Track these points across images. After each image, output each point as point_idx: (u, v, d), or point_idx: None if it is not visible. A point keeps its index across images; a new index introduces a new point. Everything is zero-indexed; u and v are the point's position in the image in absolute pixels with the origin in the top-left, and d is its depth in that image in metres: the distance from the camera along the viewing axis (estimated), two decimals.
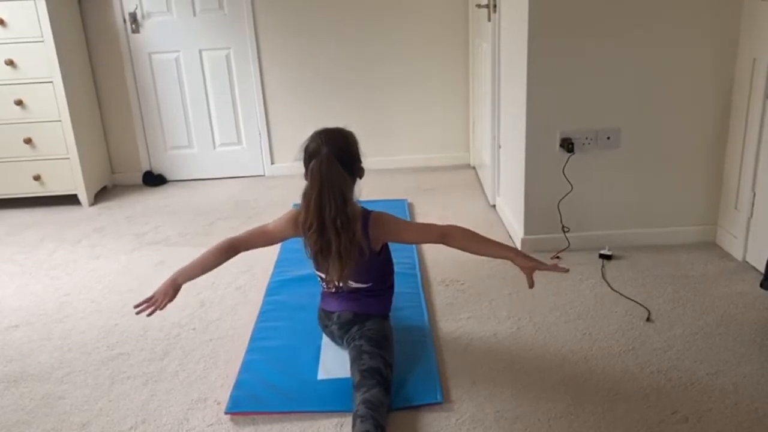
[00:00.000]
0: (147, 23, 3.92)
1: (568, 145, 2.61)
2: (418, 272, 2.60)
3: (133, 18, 3.89)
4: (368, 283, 1.98)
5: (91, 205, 3.77)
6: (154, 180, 4.14)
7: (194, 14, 3.91)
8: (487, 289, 2.46)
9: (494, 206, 3.38)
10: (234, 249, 1.97)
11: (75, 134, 3.61)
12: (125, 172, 4.17)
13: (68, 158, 3.65)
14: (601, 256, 2.65)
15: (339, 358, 1.99)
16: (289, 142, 3.96)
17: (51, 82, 3.51)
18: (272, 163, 4.19)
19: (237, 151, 4.18)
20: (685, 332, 2.11)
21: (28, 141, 3.60)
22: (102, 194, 3.97)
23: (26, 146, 3.61)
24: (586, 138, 2.63)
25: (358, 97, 4.06)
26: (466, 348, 2.08)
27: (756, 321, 2.15)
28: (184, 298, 2.45)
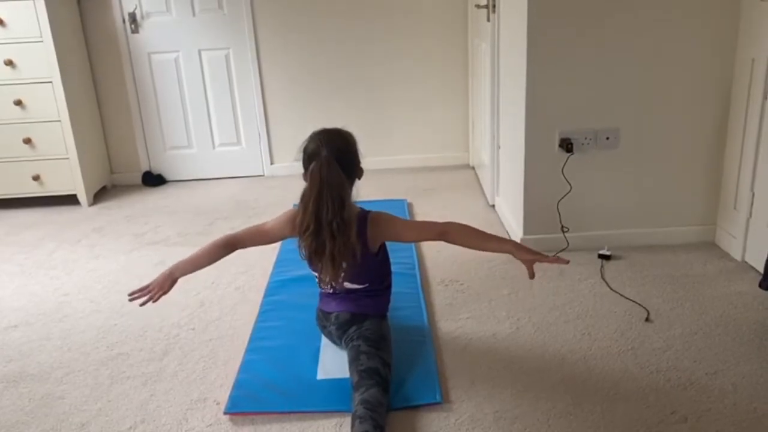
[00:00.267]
0: (146, 23, 3.92)
1: (567, 145, 2.61)
2: (417, 272, 2.60)
3: (133, 18, 3.88)
4: (366, 283, 1.98)
5: (90, 205, 3.77)
6: (153, 180, 4.14)
7: (193, 14, 3.91)
8: (487, 289, 2.46)
9: (493, 206, 3.38)
10: (231, 246, 1.97)
11: (74, 134, 3.61)
12: (125, 172, 4.17)
13: (67, 158, 3.65)
14: (600, 256, 2.65)
15: (338, 359, 1.99)
16: (289, 142, 3.96)
17: (50, 82, 3.51)
18: (272, 163, 4.19)
19: (236, 151, 4.18)
20: (684, 332, 2.11)
21: (28, 141, 3.60)
22: (101, 194, 3.97)
23: (26, 146, 3.61)
24: (586, 138, 2.63)
25: (358, 97, 4.06)
26: (465, 348, 2.08)
27: (755, 321, 2.15)
28: (184, 298, 2.46)
